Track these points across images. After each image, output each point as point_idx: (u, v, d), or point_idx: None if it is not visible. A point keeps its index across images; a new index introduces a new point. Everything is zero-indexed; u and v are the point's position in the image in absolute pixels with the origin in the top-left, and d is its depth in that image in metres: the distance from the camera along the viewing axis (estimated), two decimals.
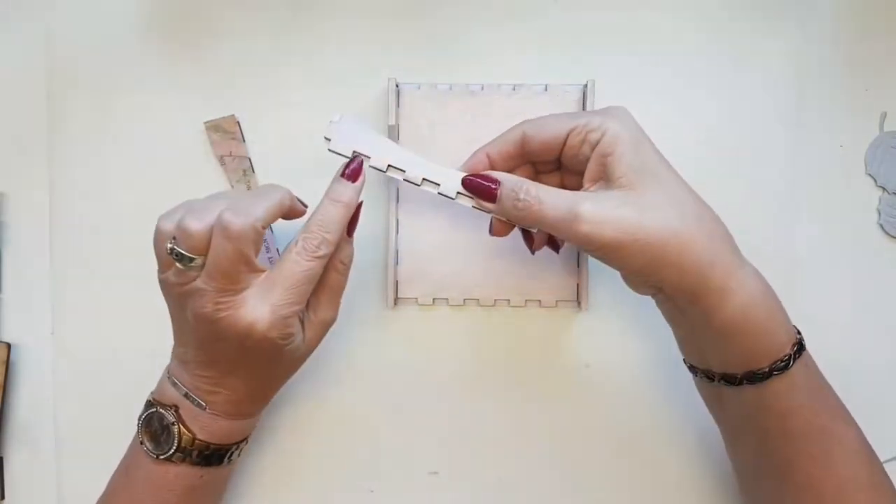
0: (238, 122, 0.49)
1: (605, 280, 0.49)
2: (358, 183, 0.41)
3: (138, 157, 0.50)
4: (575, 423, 0.50)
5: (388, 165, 0.42)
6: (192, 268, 0.38)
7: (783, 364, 0.39)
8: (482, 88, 0.49)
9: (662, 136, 0.49)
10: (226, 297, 0.38)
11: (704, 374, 0.42)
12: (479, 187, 0.41)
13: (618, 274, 0.49)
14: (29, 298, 0.50)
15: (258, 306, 0.38)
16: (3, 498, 0.49)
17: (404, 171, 0.43)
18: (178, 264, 0.38)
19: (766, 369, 0.39)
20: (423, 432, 0.50)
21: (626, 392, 0.50)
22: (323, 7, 0.50)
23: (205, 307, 0.38)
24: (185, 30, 0.50)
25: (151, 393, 0.43)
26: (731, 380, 0.40)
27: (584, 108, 0.48)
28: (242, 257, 0.38)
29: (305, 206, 0.43)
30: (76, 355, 0.50)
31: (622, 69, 0.49)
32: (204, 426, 0.41)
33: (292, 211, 0.42)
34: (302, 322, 0.42)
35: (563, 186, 0.43)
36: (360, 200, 0.42)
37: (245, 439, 0.44)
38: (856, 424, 0.41)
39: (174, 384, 0.42)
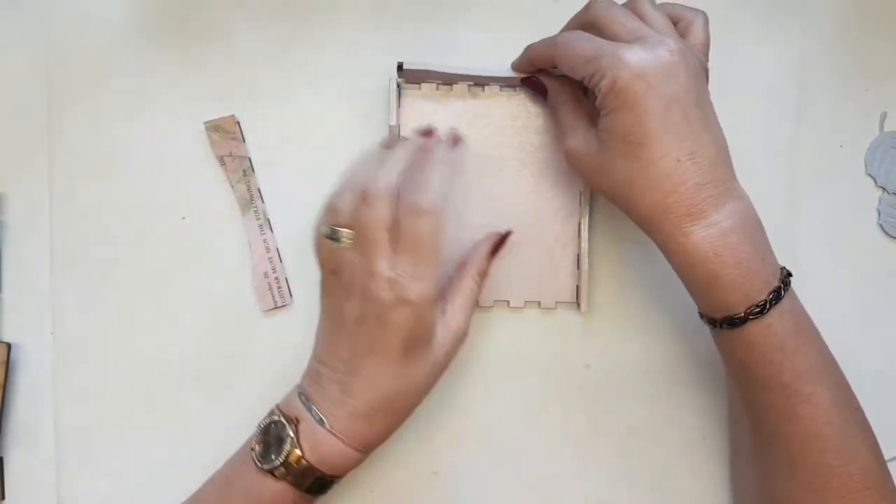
0: (238, 122, 0.49)
1: (604, 282, 0.50)
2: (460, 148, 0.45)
3: (138, 157, 0.50)
4: (575, 424, 0.50)
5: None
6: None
7: (736, 321, 0.39)
8: (483, 90, 0.49)
9: None
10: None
11: (699, 312, 0.43)
12: (535, 86, 0.47)
13: (617, 276, 0.50)
14: (29, 298, 0.49)
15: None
16: (3, 498, 0.49)
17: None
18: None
19: (718, 320, 0.40)
20: (423, 432, 0.50)
21: (626, 394, 0.50)
22: (323, 7, 0.50)
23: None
24: (185, 30, 0.50)
25: (278, 404, 0.43)
26: (702, 317, 0.42)
27: None
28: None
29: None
30: (76, 355, 0.49)
31: None
32: (315, 445, 0.40)
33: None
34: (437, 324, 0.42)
35: None
36: (508, 231, 0.47)
37: (339, 478, 0.43)
38: (833, 384, 0.40)
39: (300, 396, 0.42)
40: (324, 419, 0.40)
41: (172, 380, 0.49)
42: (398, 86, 0.48)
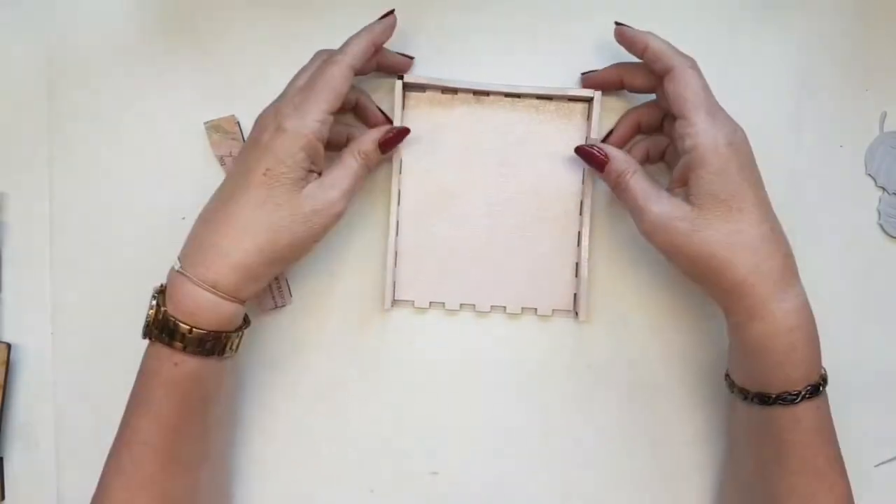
0: (238, 122, 0.49)
1: (600, 290, 0.49)
2: (387, 21, 0.45)
3: (138, 158, 0.50)
4: (573, 426, 0.50)
5: None
6: None
7: (791, 398, 0.40)
8: (487, 95, 0.48)
9: None
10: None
11: (728, 381, 0.45)
12: (590, 157, 0.45)
13: (615, 284, 0.50)
14: (29, 298, 0.50)
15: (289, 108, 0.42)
16: (3, 498, 0.49)
17: None
18: None
19: (774, 395, 0.41)
20: (423, 432, 0.50)
21: (624, 396, 0.50)
22: (324, 7, 0.50)
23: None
24: (185, 30, 0.50)
25: None
26: (744, 394, 0.43)
27: (588, 117, 0.48)
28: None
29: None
30: (76, 355, 0.50)
31: None
32: (173, 294, 0.41)
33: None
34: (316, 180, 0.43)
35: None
36: (407, 127, 0.46)
37: (225, 339, 0.41)
38: (848, 482, 0.42)
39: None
40: (178, 264, 0.41)
41: None
42: (403, 88, 0.48)
